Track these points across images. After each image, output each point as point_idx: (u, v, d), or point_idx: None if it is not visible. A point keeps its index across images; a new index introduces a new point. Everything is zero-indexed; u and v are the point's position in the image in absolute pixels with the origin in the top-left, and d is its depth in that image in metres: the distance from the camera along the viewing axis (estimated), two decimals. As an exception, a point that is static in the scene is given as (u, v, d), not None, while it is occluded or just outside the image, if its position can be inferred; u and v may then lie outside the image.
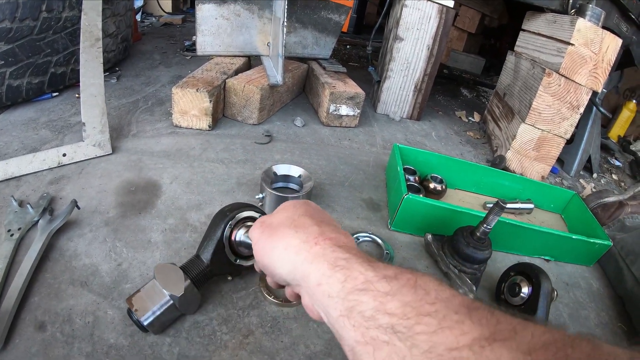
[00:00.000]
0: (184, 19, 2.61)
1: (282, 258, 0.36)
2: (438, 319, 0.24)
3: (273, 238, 0.38)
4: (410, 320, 0.25)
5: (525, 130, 1.25)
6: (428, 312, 0.25)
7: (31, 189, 0.79)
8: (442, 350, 0.23)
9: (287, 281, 0.37)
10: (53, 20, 1.07)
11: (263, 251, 0.39)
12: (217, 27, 1.31)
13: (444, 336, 0.23)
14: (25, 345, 0.51)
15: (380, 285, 0.27)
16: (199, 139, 1.09)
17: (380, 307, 0.26)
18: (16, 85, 1.05)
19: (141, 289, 0.54)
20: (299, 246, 0.35)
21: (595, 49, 1.13)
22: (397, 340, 0.24)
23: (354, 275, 0.29)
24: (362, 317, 0.27)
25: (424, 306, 0.25)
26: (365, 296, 0.27)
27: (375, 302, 0.27)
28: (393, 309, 0.26)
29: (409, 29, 1.37)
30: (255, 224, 0.43)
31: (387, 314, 0.26)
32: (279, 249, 0.37)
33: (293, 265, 0.35)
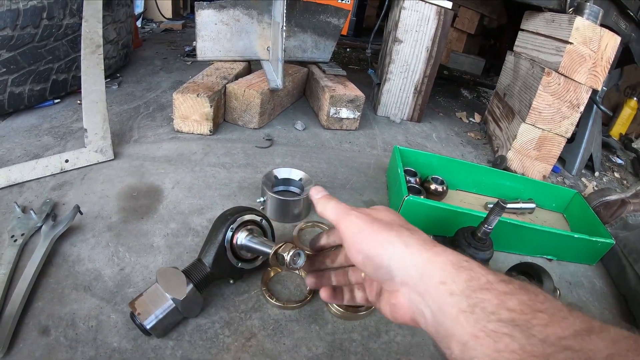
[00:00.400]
0: (185, 24, 2.63)
1: (398, 253, 0.37)
2: (549, 315, 0.29)
3: (389, 232, 0.38)
4: (527, 315, 0.29)
5: (525, 130, 1.26)
6: (540, 309, 0.29)
7: (34, 195, 0.80)
8: (553, 339, 0.28)
9: (395, 276, 0.37)
10: (54, 27, 1.08)
11: (374, 242, 0.39)
12: (217, 33, 1.32)
13: (554, 328, 0.28)
14: (29, 350, 0.51)
15: (500, 286, 0.31)
16: (200, 143, 1.09)
17: (502, 304, 0.30)
18: (18, 92, 1.06)
19: (144, 292, 0.54)
20: (420, 246, 0.37)
21: (594, 47, 1.13)
22: (517, 331, 0.28)
23: (477, 276, 0.32)
24: (484, 312, 0.30)
25: (536, 304, 0.30)
26: (489, 294, 0.31)
27: (497, 300, 0.30)
28: (512, 306, 0.30)
29: (408, 31, 1.38)
30: (350, 216, 0.42)
31: (507, 309, 0.30)
32: (398, 244, 0.37)
33: (412, 262, 0.36)
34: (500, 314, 0.29)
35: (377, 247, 0.38)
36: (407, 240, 0.37)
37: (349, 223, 0.42)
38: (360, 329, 0.62)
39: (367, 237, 0.39)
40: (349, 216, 0.42)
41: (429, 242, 0.37)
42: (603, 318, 0.78)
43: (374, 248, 0.39)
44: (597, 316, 0.77)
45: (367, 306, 0.64)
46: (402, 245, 0.37)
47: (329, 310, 0.64)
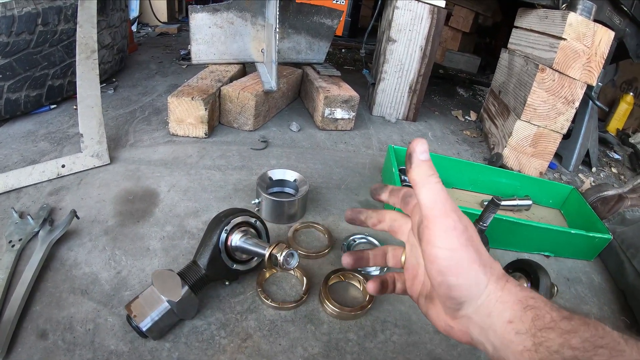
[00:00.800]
0: (180, 28, 2.63)
1: (475, 291, 0.36)
2: (609, 350, 0.30)
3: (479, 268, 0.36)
4: (589, 352, 0.30)
5: (521, 126, 1.26)
6: (601, 344, 0.30)
7: (31, 201, 0.80)
8: None
9: (460, 308, 0.37)
10: (49, 33, 1.09)
11: (462, 271, 0.36)
12: (211, 36, 1.32)
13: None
14: (27, 354, 0.51)
15: (563, 324, 0.32)
16: (195, 146, 1.10)
17: (565, 343, 0.31)
18: (14, 98, 1.07)
19: (139, 295, 0.54)
20: (495, 283, 0.36)
21: (588, 42, 1.13)
22: None
23: (541, 315, 0.33)
24: (548, 351, 0.32)
25: (597, 340, 0.31)
26: (553, 334, 0.32)
27: (560, 338, 0.32)
28: (575, 344, 0.31)
29: (401, 30, 1.38)
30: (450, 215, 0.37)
31: (570, 348, 0.31)
32: (481, 284, 0.36)
33: (484, 300, 0.36)
34: (564, 353, 0.31)
35: (461, 278, 0.36)
36: (487, 278, 0.36)
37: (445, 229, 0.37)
38: (356, 329, 0.62)
39: (458, 262, 0.36)
40: (447, 218, 0.37)
41: (502, 277, 0.37)
42: (602, 314, 0.78)
43: (458, 277, 0.36)
44: (596, 312, 0.78)
45: (364, 306, 0.64)
46: (482, 285, 0.36)
47: (324, 310, 0.64)
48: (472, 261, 0.36)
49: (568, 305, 0.78)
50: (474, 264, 0.36)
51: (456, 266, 0.36)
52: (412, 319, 0.66)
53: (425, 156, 0.38)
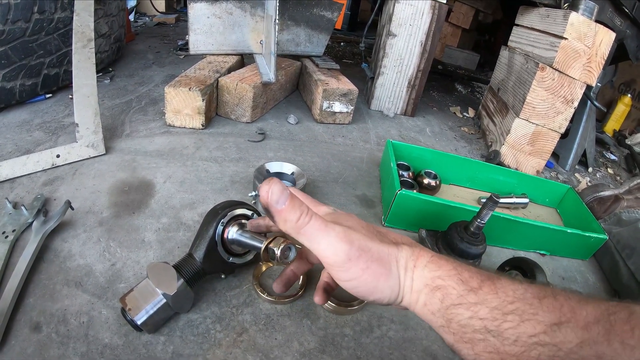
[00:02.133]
0: (178, 18, 2.60)
1: (387, 289, 0.39)
2: (519, 315, 0.31)
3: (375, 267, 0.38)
4: (498, 320, 0.32)
5: (519, 124, 1.26)
6: (510, 310, 0.32)
7: (25, 191, 0.79)
8: (525, 338, 0.30)
9: (385, 304, 0.40)
10: (45, 21, 1.07)
11: (370, 284, 0.38)
12: (210, 26, 1.31)
13: (525, 327, 0.31)
14: (21, 347, 0.51)
15: (470, 298, 0.34)
16: (192, 137, 1.08)
17: (474, 315, 0.33)
18: (9, 87, 1.05)
19: (134, 288, 0.54)
20: (400, 274, 0.39)
21: (589, 42, 1.13)
22: (490, 336, 0.32)
23: (448, 292, 0.35)
24: (459, 325, 0.34)
25: (506, 306, 0.32)
26: (461, 309, 0.34)
27: (468, 312, 0.34)
28: (483, 314, 0.33)
29: (402, 25, 1.37)
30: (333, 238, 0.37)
31: (479, 319, 0.33)
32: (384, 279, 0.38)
33: (397, 294, 0.39)
34: (473, 325, 0.33)
35: (376, 294, 0.39)
36: (398, 278, 0.39)
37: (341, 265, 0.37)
38: (352, 324, 0.62)
39: (367, 286, 0.38)
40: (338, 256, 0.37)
41: (411, 262, 0.39)
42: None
43: (373, 295, 0.39)
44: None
45: (360, 301, 0.64)
46: (396, 288, 0.39)
47: (321, 305, 0.64)
48: (378, 277, 0.38)
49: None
50: (381, 277, 0.38)
51: (366, 289, 0.38)
52: (408, 315, 0.66)
53: (282, 203, 0.37)
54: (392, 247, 0.40)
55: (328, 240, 0.37)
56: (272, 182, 0.37)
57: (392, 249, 0.39)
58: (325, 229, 0.37)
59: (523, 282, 0.34)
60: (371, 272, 0.37)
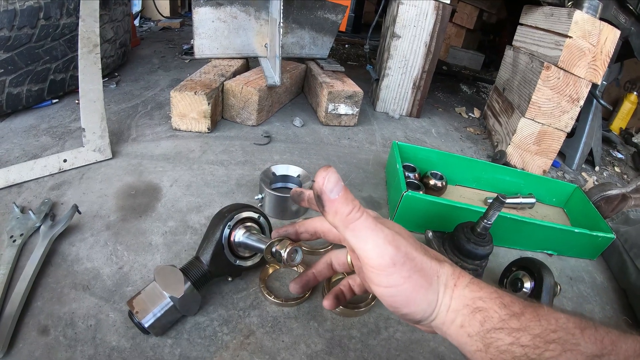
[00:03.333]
0: (182, 22, 2.62)
1: (425, 303, 0.37)
2: (561, 344, 0.30)
3: (427, 289, 0.37)
4: (540, 349, 0.30)
5: (525, 124, 1.25)
6: (553, 339, 0.31)
7: (33, 195, 0.80)
8: None
9: (422, 322, 0.38)
10: (51, 27, 1.08)
11: (410, 295, 0.37)
12: (214, 30, 1.31)
13: (566, 357, 0.29)
14: (28, 350, 0.51)
15: (512, 323, 0.32)
16: (198, 141, 1.09)
17: (515, 342, 0.32)
18: (16, 92, 1.06)
19: (142, 291, 0.54)
20: (443, 293, 0.37)
21: (594, 41, 1.12)
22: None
23: (490, 315, 0.34)
24: (498, 351, 0.32)
25: (549, 335, 0.31)
26: (502, 334, 0.32)
27: (510, 337, 0.32)
28: (525, 341, 0.31)
29: (406, 26, 1.37)
30: (386, 240, 0.36)
31: (520, 346, 0.31)
32: (422, 291, 0.37)
33: (437, 313, 0.37)
34: (514, 351, 0.31)
35: (411, 307, 0.37)
36: (437, 294, 0.37)
37: (384, 269, 0.36)
38: (359, 326, 0.62)
39: (404, 296, 0.36)
40: (383, 258, 0.36)
41: (451, 280, 0.38)
42: (604, 313, 0.78)
43: (408, 307, 0.37)
44: (598, 311, 0.77)
45: (367, 303, 0.64)
46: (433, 304, 0.37)
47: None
48: (418, 288, 0.36)
49: (570, 304, 0.78)
50: (421, 289, 0.36)
51: (403, 299, 0.37)
52: (415, 317, 0.65)
53: (336, 192, 0.36)
54: (434, 261, 0.38)
55: (376, 240, 0.36)
56: (330, 170, 0.36)
57: (435, 263, 0.38)
58: (375, 229, 0.36)
59: (565, 311, 0.33)
60: (412, 281, 0.36)
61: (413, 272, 0.36)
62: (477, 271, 0.76)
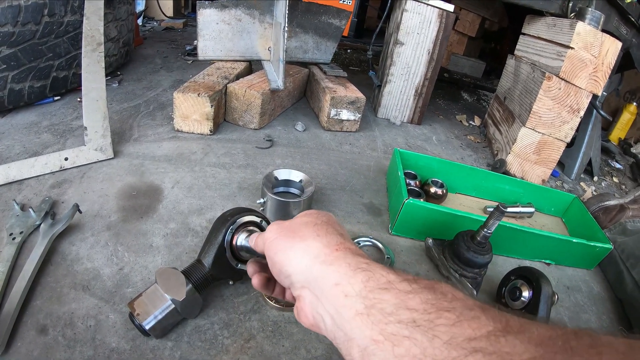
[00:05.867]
0: (186, 23, 2.62)
1: (298, 257, 0.36)
2: (456, 314, 0.26)
3: (294, 238, 0.38)
4: (431, 314, 0.26)
5: (525, 134, 1.26)
6: (447, 308, 0.26)
7: (33, 193, 0.80)
8: (461, 340, 0.24)
9: (293, 282, 0.36)
10: (55, 24, 1.08)
11: (278, 247, 0.38)
12: (219, 32, 1.32)
13: (463, 328, 0.25)
14: (27, 349, 0.51)
15: (402, 286, 0.29)
16: (200, 143, 1.09)
17: (402, 304, 0.27)
18: (18, 89, 1.06)
19: (143, 293, 0.54)
20: (320, 249, 0.35)
21: (595, 52, 1.13)
22: (418, 333, 0.26)
23: (376, 277, 0.30)
24: (382, 313, 0.28)
25: (442, 303, 0.27)
26: (388, 294, 0.28)
27: (396, 299, 0.28)
28: (414, 305, 0.27)
29: (410, 33, 1.38)
30: (272, 225, 0.42)
31: (408, 309, 0.27)
32: (298, 249, 0.36)
33: (308, 266, 0.35)
34: (399, 314, 0.27)
35: (279, 252, 0.38)
36: (309, 244, 0.36)
37: (266, 234, 0.41)
38: (359, 332, 0.62)
39: (275, 243, 0.39)
40: (269, 229, 0.42)
41: (334, 244, 0.36)
42: (601, 323, 0.78)
43: (277, 253, 0.38)
44: (594, 321, 0.77)
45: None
46: (301, 250, 0.36)
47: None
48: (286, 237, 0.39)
49: (567, 313, 0.78)
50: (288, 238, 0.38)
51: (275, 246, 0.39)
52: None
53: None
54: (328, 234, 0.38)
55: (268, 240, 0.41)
56: None
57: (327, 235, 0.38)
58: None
59: (472, 298, 0.29)
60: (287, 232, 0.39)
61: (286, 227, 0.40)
62: (476, 279, 0.76)
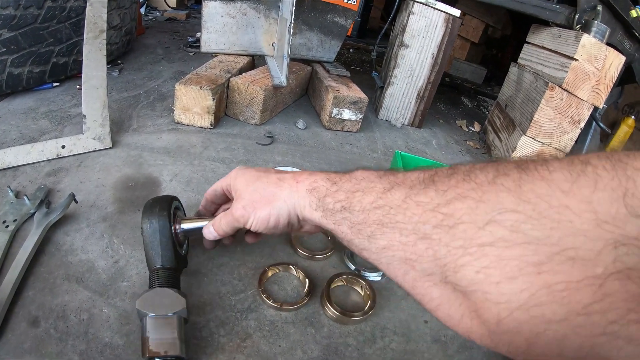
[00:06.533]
0: (189, 14, 2.60)
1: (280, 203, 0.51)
2: (362, 190, 0.40)
3: (269, 201, 0.52)
4: (349, 199, 0.41)
5: (525, 142, 1.26)
6: (357, 189, 0.41)
7: (28, 180, 0.78)
8: (366, 205, 0.38)
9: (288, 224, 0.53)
10: (57, 9, 1.06)
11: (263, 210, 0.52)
12: (223, 25, 1.30)
13: (366, 198, 0.39)
14: (17, 341, 0.50)
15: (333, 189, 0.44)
16: (200, 136, 1.08)
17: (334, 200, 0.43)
18: (17, 73, 1.04)
19: (147, 335, 0.47)
20: (287, 193, 0.51)
21: (599, 65, 1.13)
22: (347, 212, 0.41)
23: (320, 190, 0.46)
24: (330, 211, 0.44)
25: (354, 187, 0.41)
26: (328, 198, 0.44)
27: (331, 199, 0.44)
28: (340, 197, 0.42)
29: (415, 36, 1.37)
30: (239, 202, 0.54)
31: (338, 201, 0.43)
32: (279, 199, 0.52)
33: (294, 209, 0.51)
34: (335, 208, 0.43)
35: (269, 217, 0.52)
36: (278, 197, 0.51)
37: (241, 209, 0.54)
38: (355, 334, 0.61)
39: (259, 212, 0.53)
40: (239, 206, 0.54)
41: (295, 181, 0.51)
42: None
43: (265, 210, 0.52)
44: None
45: (364, 312, 0.64)
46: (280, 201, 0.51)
47: (325, 314, 0.63)
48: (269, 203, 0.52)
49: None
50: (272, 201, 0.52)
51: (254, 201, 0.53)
52: (410, 327, 0.65)
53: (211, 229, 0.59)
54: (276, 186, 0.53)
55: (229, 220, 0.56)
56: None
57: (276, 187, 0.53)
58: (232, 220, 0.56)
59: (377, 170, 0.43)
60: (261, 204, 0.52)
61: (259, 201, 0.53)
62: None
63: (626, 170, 0.24)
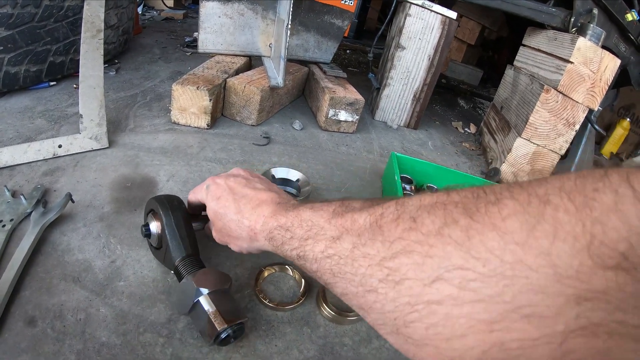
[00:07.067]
0: (186, 14, 2.60)
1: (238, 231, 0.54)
2: (312, 238, 0.40)
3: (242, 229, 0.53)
4: (302, 247, 0.41)
5: (521, 144, 1.27)
6: (308, 236, 0.41)
7: (25, 180, 0.78)
8: (319, 255, 0.38)
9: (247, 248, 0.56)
10: (55, 8, 1.06)
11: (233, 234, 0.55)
12: (220, 25, 1.30)
13: (318, 247, 0.39)
14: (14, 340, 0.50)
15: (288, 235, 0.45)
16: (197, 137, 1.08)
17: (290, 248, 0.44)
18: (14, 72, 1.04)
19: (218, 310, 0.51)
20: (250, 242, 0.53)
21: (594, 68, 1.15)
22: (302, 261, 0.41)
23: (276, 238, 0.47)
24: (276, 240, 0.47)
25: (306, 234, 0.41)
26: (285, 246, 0.45)
27: (288, 246, 0.44)
28: (295, 245, 0.43)
29: (412, 38, 1.38)
30: (209, 204, 0.57)
31: (293, 249, 0.43)
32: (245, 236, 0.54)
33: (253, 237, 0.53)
34: (292, 255, 0.43)
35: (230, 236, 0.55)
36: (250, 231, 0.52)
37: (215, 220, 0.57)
38: (351, 334, 0.62)
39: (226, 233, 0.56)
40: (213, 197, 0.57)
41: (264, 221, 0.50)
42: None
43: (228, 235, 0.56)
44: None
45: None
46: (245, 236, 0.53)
47: (321, 314, 0.64)
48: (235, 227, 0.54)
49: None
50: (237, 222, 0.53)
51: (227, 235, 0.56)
52: (406, 329, 0.65)
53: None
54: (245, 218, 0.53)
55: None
56: None
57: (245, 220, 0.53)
58: None
59: (323, 204, 0.43)
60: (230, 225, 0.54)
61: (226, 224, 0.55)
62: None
63: (593, 211, 0.22)
